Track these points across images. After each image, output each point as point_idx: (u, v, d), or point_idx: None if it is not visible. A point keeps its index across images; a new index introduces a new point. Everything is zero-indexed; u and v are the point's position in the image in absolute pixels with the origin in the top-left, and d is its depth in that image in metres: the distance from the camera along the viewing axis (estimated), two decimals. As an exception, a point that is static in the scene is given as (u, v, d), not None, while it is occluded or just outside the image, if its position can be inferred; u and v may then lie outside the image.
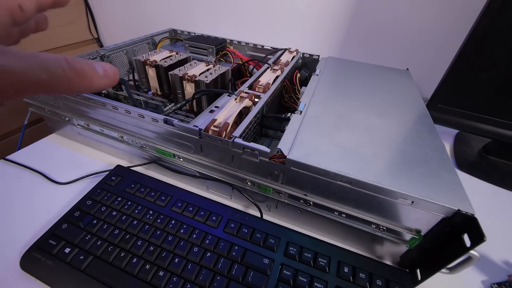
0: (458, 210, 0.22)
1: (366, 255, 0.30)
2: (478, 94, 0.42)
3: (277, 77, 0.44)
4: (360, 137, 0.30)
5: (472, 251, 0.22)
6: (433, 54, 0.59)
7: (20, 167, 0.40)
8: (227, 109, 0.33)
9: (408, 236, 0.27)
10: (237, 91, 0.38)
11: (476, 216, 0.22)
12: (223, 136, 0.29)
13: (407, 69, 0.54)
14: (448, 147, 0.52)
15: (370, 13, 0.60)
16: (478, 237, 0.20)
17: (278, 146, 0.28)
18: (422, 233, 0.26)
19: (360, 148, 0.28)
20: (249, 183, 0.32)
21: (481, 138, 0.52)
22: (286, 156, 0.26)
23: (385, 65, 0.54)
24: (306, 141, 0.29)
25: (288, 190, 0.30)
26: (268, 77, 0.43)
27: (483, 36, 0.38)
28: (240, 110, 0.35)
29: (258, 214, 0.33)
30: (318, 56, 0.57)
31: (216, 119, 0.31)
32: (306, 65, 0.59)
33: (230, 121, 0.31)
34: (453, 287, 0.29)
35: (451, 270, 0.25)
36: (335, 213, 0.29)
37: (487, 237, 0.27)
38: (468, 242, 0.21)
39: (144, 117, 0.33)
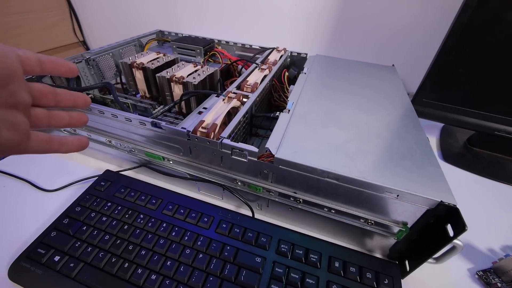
0: (441, 201, 0.23)
1: (357, 249, 0.31)
2: (460, 88, 0.43)
3: (265, 76, 0.45)
4: (346, 133, 0.31)
5: (455, 241, 0.22)
6: (417, 50, 0.60)
7: (5, 176, 0.39)
8: (215, 110, 0.33)
9: (395, 229, 0.27)
10: (225, 91, 0.38)
11: (458, 206, 0.22)
12: (211, 137, 0.29)
13: (393, 65, 0.55)
14: (434, 140, 0.53)
15: (356, 10, 0.61)
16: (460, 226, 0.21)
17: (266, 145, 0.28)
18: (409, 225, 0.26)
19: (347, 144, 0.29)
20: (239, 183, 0.32)
21: (465, 130, 0.53)
22: (274, 155, 0.27)
23: (372, 61, 0.55)
24: (293, 139, 0.29)
25: (278, 189, 0.30)
26: (256, 77, 0.43)
27: (462, 32, 0.39)
28: (229, 111, 0.35)
29: (250, 214, 0.33)
30: (306, 54, 0.57)
31: (204, 120, 0.31)
32: (295, 64, 0.60)
33: (218, 122, 0.31)
34: (440, 276, 0.30)
35: (437, 259, 0.26)
36: (325, 209, 0.29)
37: (471, 226, 0.28)
38: (451, 232, 0.22)
39: (131, 121, 0.32)
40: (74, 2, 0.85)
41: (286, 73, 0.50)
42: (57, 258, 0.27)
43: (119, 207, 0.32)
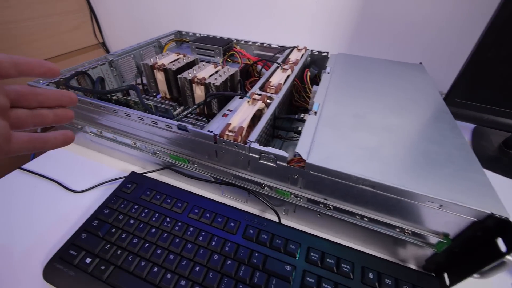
0: (492, 213, 0.21)
1: (389, 258, 0.29)
2: (499, 87, 0.40)
3: (288, 76, 0.43)
4: (379, 137, 0.29)
5: (508, 256, 0.21)
6: (447, 47, 0.57)
7: (36, 176, 0.40)
8: (240, 112, 0.33)
9: (434, 239, 0.26)
10: (249, 93, 0.37)
11: (511, 219, 0.21)
12: (239, 141, 0.29)
13: (420, 63, 0.52)
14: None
15: (380, 5, 0.58)
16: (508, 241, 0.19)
17: (296, 150, 0.27)
18: (451, 237, 0.25)
19: (380, 149, 0.28)
20: (266, 188, 0.31)
21: (500, 132, 0.50)
22: (305, 160, 0.26)
23: (397, 59, 0.53)
24: (324, 143, 0.28)
25: (307, 194, 0.29)
26: (279, 77, 0.42)
27: (503, 27, 0.36)
28: (255, 113, 0.34)
29: (275, 219, 0.33)
30: (327, 53, 0.56)
31: (230, 123, 0.30)
32: (315, 63, 0.58)
33: (245, 125, 0.30)
34: (481, 290, 0.28)
35: (483, 274, 0.24)
36: (357, 217, 0.28)
37: None
38: (503, 247, 0.20)
39: (157, 123, 0.32)
40: (95, 5, 0.87)
41: (309, 73, 0.49)
42: (88, 260, 0.27)
43: (146, 210, 0.32)
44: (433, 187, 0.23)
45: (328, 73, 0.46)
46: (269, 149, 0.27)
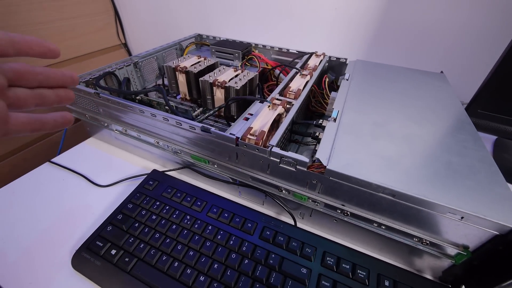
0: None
1: (405, 267, 0.29)
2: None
3: (307, 82, 0.44)
4: (399, 146, 0.30)
5: (530, 272, 0.20)
6: (469, 56, 0.56)
7: (64, 170, 0.42)
8: (261, 116, 0.34)
9: (453, 251, 0.26)
10: (269, 97, 0.38)
11: (535, 235, 0.20)
12: (260, 144, 0.29)
13: (442, 71, 0.52)
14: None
15: (400, 13, 0.58)
16: None
17: (316, 156, 0.27)
18: (470, 249, 0.24)
19: (401, 159, 0.28)
20: (283, 191, 0.32)
21: (524, 144, 0.48)
22: (325, 166, 0.26)
23: (417, 67, 0.52)
24: (344, 150, 0.28)
25: (325, 200, 0.29)
26: (298, 83, 0.43)
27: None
28: (275, 118, 0.35)
29: (291, 222, 0.33)
30: (346, 59, 0.56)
31: (252, 127, 0.31)
32: (333, 69, 0.59)
33: (266, 129, 0.31)
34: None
35: (502, 289, 0.24)
36: (374, 224, 0.28)
37: None
38: (526, 263, 0.20)
39: (181, 124, 0.34)
40: (119, 7, 0.90)
41: (327, 79, 0.49)
42: (113, 251, 0.29)
43: (167, 207, 0.33)
44: (454, 198, 0.23)
45: (347, 79, 0.46)
46: (290, 153, 0.28)
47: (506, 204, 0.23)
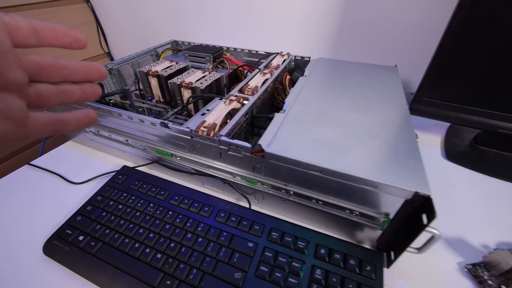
0: (416, 192, 0.24)
1: (348, 240, 0.33)
2: (461, 86, 0.43)
3: (266, 80, 0.48)
4: (336, 131, 0.33)
5: (430, 229, 0.24)
6: (421, 49, 0.60)
7: (42, 171, 0.45)
8: (216, 111, 0.37)
9: (380, 220, 0.29)
10: (227, 94, 0.42)
11: (431, 196, 0.24)
12: (211, 135, 0.33)
13: (396, 65, 0.56)
14: (439, 139, 0.53)
15: (358, 12, 0.62)
16: (432, 215, 0.23)
17: (259, 142, 0.31)
18: (391, 216, 0.28)
19: (334, 141, 0.31)
20: (237, 177, 0.35)
21: (473, 129, 0.52)
22: (265, 150, 0.30)
23: (376, 62, 0.56)
24: (284, 136, 0.32)
25: (271, 182, 0.33)
26: (257, 81, 0.47)
27: (458, 31, 0.39)
28: (230, 112, 0.39)
29: (247, 205, 0.37)
30: (309, 58, 0.60)
31: (205, 121, 0.35)
32: (299, 67, 0.62)
33: (218, 121, 0.35)
34: (428, 268, 0.31)
35: (420, 249, 0.27)
36: (313, 200, 0.32)
37: (467, 222, 0.30)
38: (425, 220, 0.24)
39: (144, 122, 0.37)
40: (101, 17, 0.94)
41: (288, 77, 0.53)
42: (81, 237, 0.32)
43: (133, 197, 0.36)
44: (372, 171, 0.27)
45: (305, 76, 0.50)
46: (235, 141, 0.31)
47: (414, 174, 0.26)
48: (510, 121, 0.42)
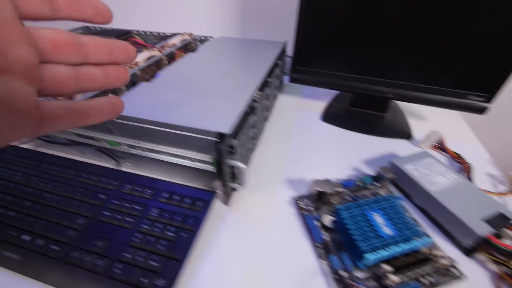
0: (218, 131, 0.29)
1: (204, 188, 0.37)
2: (324, 53, 0.50)
3: (152, 56, 0.51)
4: (184, 93, 0.37)
5: (238, 163, 0.29)
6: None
7: None
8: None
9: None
10: (103, 69, 0.44)
11: (227, 134, 0.29)
12: (67, 103, 0.35)
13: (286, 41, 0.61)
14: (323, 104, 0.60)
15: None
16: (232, 150, 0.28)
17: (107, 105, 0.34)
18: (215, 157, 0.33)
19: (177, 100, 0.35)
20: (100, 141, 0.38)
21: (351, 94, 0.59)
22: (108, 111, 0.33)
23: (278, 39, 0.60)
24: (135, 99, 0.35)
25: (125, 141, 0.36)
26: (140, 58, 0.49)
27: (308, 3, 0.45)
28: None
29: (121, 168, 0.40)
30: (212, 37, 0.63)
31: (66, 91, 0.37)
32: (205, 47, 0.66)
33: (78, 91, 0.37)
34: (266, 203, 0.36)
35: (241, 184, 0.32)
36: (161, 154, 0.36)
37: (318, 168, 0.35)
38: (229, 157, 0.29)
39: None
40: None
41: (181, 54, 0.56)
42: None
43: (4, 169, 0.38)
44: (187, 118, 0.31)
45: (196, 52, 0.53)
46: (84, 105, 0.34)
47: (224, 120, 0.31)
48: (369, 83, 0.49)
